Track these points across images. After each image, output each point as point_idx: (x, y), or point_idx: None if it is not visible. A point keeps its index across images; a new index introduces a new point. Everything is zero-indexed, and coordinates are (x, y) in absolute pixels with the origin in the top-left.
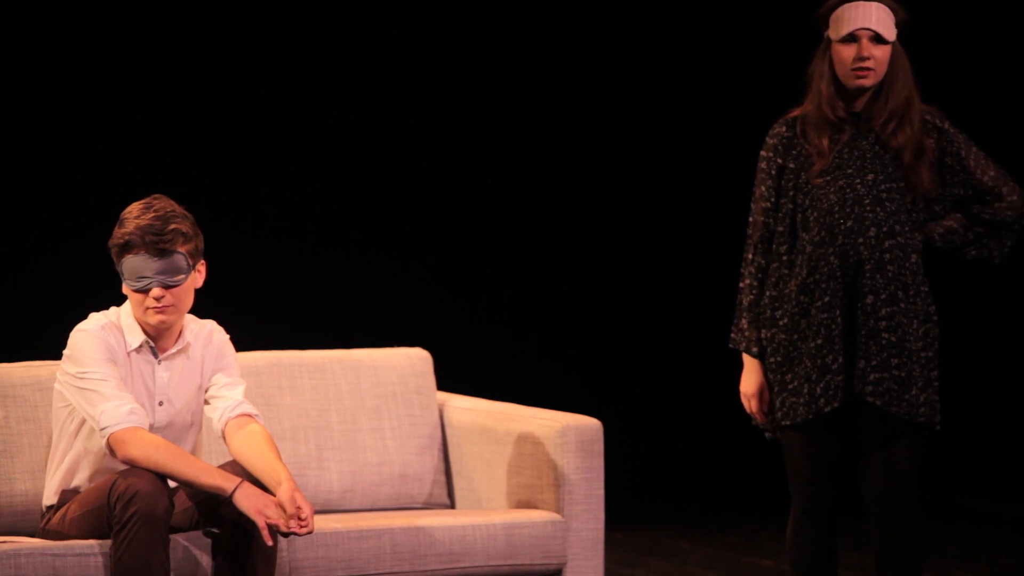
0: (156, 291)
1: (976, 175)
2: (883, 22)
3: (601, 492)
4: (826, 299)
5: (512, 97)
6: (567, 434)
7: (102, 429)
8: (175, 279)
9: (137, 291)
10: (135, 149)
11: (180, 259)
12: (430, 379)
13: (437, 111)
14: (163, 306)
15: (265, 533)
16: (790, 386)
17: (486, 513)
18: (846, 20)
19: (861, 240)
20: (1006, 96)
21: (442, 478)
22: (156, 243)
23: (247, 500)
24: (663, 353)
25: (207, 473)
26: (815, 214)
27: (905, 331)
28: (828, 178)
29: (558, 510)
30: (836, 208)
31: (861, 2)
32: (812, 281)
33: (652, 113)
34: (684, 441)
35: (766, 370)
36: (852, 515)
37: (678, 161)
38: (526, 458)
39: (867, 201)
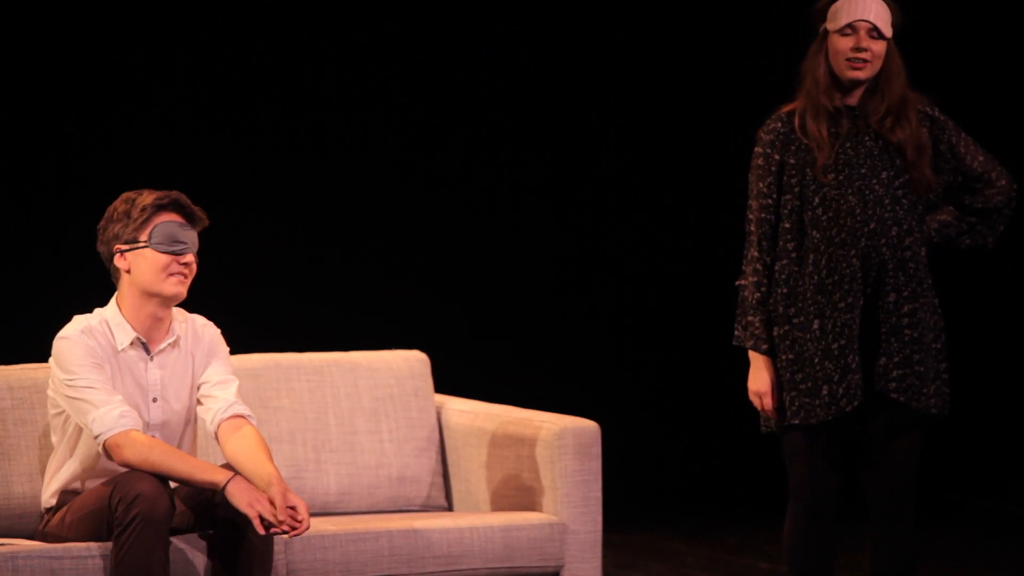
0: (190, 256)
1: (967, 161)
2: (881, 17)
3: (599, 494)
4: (849, 300)
5: (512, 97)
6: (565, 436)
7: (96, 436)
8: (195, 256)
9: (170, 253)
10: (134, 149)
11: (198, 239)
12: (428, 381)
13: (437, 112)
14: (189, 274)
15: (256, 523)
16: (801, 386)
17: (484, 515)
18: (845, 11)
19: (884, 240)
20: (991, 90)
21: (440, 480)
22: (192, 214)
23: (239, 493)
24: (661, 355)
25: (201, 469)
26: (830, 214)
27: (923, 326)
28: (841, 177)
29: (556, 512)
30: (857, 210)
31: None
32: (832, 282)
33: (652, 114)
34: (682, 443)
35: (776, 366)
36: (852, 516)
37: (678, 163)
38: (524, 460)
39: (887, 201)
